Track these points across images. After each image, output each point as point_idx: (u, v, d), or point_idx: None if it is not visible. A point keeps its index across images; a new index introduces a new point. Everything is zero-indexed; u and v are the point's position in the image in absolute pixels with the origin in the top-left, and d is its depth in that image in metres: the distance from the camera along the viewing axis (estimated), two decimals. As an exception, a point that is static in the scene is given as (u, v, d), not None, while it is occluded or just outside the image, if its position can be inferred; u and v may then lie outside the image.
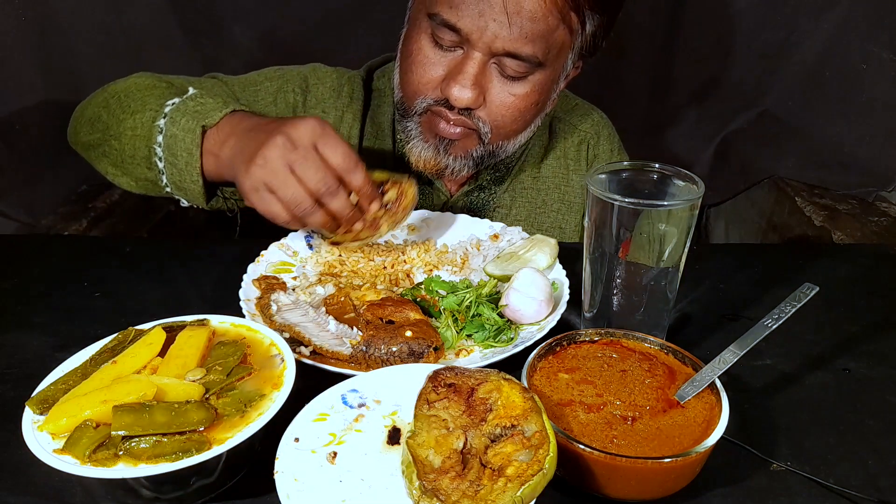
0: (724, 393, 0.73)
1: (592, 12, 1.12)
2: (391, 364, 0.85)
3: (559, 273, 1.07)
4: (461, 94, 1.11)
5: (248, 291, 1.00)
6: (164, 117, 1.07)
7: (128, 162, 1.12)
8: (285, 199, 0.96)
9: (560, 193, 1.43)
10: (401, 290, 1.05)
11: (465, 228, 1.23)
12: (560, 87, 1.25)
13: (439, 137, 1.19)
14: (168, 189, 1.11)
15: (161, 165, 1.08)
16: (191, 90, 1.11)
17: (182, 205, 1.14)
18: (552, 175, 1.43)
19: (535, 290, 0.95)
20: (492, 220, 1.24)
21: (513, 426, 0.65)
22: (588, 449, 0.66)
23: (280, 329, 0.88)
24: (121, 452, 0.63)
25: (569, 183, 1.44)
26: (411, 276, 1.11)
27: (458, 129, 1.17)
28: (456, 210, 1.31)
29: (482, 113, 1.16)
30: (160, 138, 1.06)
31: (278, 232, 1.15)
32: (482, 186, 1.37)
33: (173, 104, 1.08)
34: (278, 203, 0.97)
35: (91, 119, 1.18)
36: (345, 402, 0.71)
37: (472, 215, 1.27)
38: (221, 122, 1.05)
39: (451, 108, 1.14)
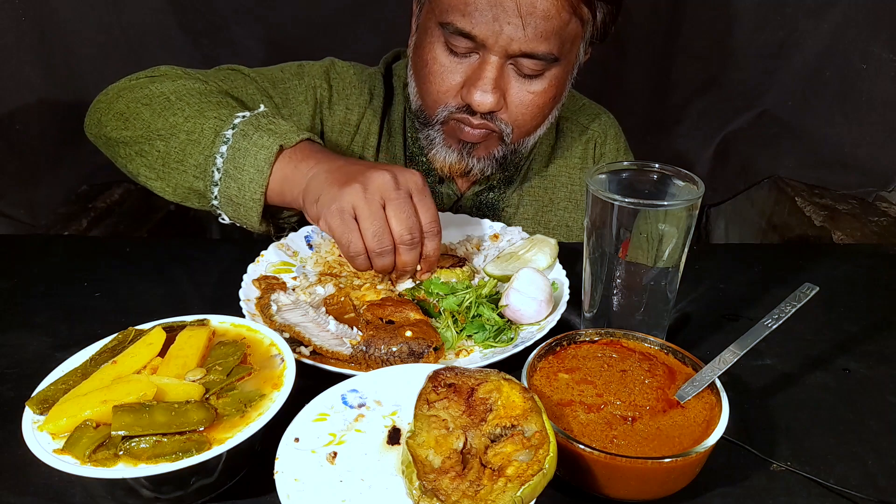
0: (724, 393, 0.73)
1: (602, 2, 1.13)
2: (391, 364, 0.85)
3: (559, 273, 1.07)
4: (483, 99, 1.11)
5: (248, 291, 1.00)
6: (233, 128, 1.02)
7: (172, 166, 1.06)
8: (367, 232, 0.92)
9: (567, 192, 1.44)
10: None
11: (464, 228, 1.23)
12: (573, 76, 1.25)
13: (462, 142, 1.19)
14: (215, 202, 1.05)
15: (217, 176, 1.02)
16: (262, 107, 1.08)
17: (222, 221, 1.08)
18: (559, 174, 1.44)
19: (535, 290, 0.95)
20: (500, 219, 1.23)
21: (513, 426, 0.65)
22: (588, 449, 0.66)
23: (280, 329, 0.88)
24: (121, 452, 0.62)
25: (576, 182, 1.44)
26: (411, 276, 1.11)
27: (481, 132, 1.17)
28: (465, 209, 1.31)
29: (503, 115, 1.16)
30: (223, 148, 1.01)
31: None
32: (492, 186, 1.37)
33: (244, 117, 1.04)
34: (358, 233, 0.93)
35: (124, 114, 1.11)
36: (345, 402, 0.71)
37: (481, 215, 1.27)
38: (296, 146, 1.02)
39: (472, 113, 1.14)
